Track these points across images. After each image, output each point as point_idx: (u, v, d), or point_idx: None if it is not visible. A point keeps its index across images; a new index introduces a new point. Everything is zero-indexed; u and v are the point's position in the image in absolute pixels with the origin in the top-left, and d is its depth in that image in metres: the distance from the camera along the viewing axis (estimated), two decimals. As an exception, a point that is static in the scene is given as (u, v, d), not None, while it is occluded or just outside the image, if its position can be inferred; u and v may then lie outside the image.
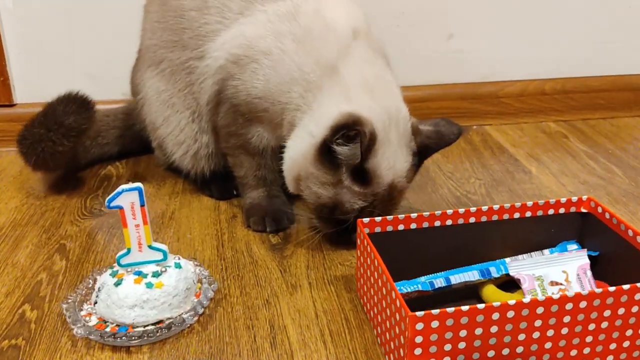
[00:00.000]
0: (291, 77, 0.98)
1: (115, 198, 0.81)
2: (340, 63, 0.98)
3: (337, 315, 0.87)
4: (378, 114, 0.94)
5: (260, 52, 1.01)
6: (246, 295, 0.92)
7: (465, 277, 0.86)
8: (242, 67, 1.02)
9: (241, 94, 1.03)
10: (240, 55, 1.02)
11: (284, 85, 0.99)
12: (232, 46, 1.04)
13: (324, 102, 0.96)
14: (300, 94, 0.98)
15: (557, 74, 1.57)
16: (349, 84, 0.97)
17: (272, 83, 1.00)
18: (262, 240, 1.07)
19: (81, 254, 1.03)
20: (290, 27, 1.00)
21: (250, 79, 1.02)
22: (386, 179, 0.94)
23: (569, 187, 1.24)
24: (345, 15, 1.03)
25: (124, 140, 1.36)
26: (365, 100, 0.95)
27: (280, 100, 1.00)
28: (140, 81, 1.20)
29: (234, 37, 1.04)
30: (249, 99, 1.03)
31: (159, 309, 0.82)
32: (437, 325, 0.67)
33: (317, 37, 0.99)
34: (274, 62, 1.00)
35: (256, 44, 1.01)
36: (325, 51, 0.98)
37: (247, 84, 1.02)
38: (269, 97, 1.01)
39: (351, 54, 0.99)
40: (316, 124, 0.95)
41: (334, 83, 0.97)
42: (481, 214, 0.90)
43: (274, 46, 1.00)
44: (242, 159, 1.11)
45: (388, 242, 0.87)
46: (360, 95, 0.95)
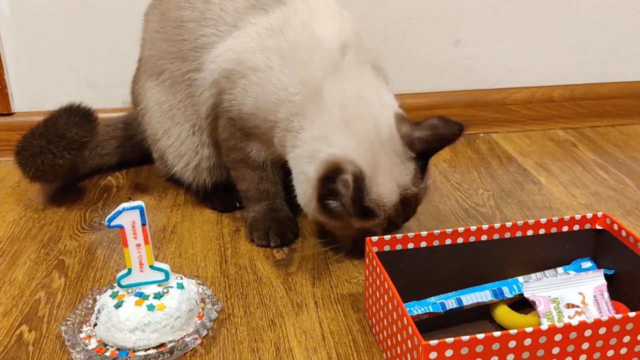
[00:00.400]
0: (277, 97, 0.95)
1: (115, 217, 0.79)
2: (325, 83, 0.93)
3: (345, 337, 0.84)
4: (359, 146, 0.90)
5: (249, 68, 0.98)
6: (250, 316, 0.89)
7: (478, 298, 0.83)
8: (233, 82, 1.00)
9: (234, 109, 1.01)
10: (231, 70, 1.00)
11: (271, 105, 0.96)
12: (223, 60, 1.01)
13: (308, 139, 0.94)
14: (287, 116, 0.95)
15: (566, 81, 1.55)
16: (329, 115, 0.93)
17: (261, 101, 0.97)
18: (266, 255, 1.04)
19: (80, 270, 1.00)
20: (277, 42, 0.97)
21: (241, 95, 0.99)
22: (392, 202, 0.92)
23: (580, 199, 1.21)
24: (334, 28, 0.98)
25: (123, 150, 1.34)
26: (343, 138, 0.91)
27: (269, 118, 0.97)
28: (141, 92, 1.17)
29: (226, 51, 1.01)
30: (241, 115, 1.01)
31: (160, 332, 0.79)
32: (452, 354, 0.65)
33: (303, 55, 0.95)
34: (262, 79, 0.97)
35: (245, 59, 0.98)
36: (311, 71, 0.94)
37: (239, 100, 1.00)
38: (258, 115, 0.99)
39: (337, 72, 0.94)
40: (308, 166, 0.93)
41: (316, 113, 0.93)
42: (493, 232, 0.87)
43: (262, 62, 0.97)
44: (243, 173, 1.08)
45: (397, 260, 0.85)
46: (338, 133, 0.92)
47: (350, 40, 0.98)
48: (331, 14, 1.01)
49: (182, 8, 1.07)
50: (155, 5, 1.15)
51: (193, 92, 1.08)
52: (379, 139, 0.92)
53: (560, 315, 0.78)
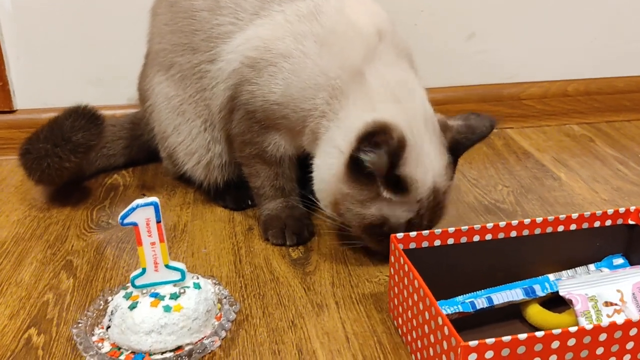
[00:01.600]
0: (315, 82, 0.92)
1: (129, 214, 0.75)
2: (366, 67, 0.92)
3: (370, 339, 0.80)
4: (405, 119, 0.88)
5: (279, 55, 0.94)
6: (269, 317, 0.85)
7: (509, 297, 0.79)
8: (258, 70, 0.96)
9: (257, 100, 0.97)
10: (257, 59, 0.96)
11: (307, 91, 0.93)
12: (247, 49, 0.97)
13: (350, 112, 0.90)
14: (326, 100, 0.92)
15: (581, 75, 1.51)
16: (374, 91, 0.91)
17: (294, 88, 0.94)
18: (282, 254, 1.00)
19: (89, 271, 0.96)
20: (311, 27, 0.93)
21: (267, 83, 0.95)
22: (426, 183, 0.88)
23: (603, 195, 1.17)
24: (369, 15, 0.97)
25: (130, 151, 1.30)
26: (390, 107, 0.89)
27: (303, 107, 0.93)
28: (149, 87, 1.13)
29: (249, 39, 0.98)
30: (266, 105, 0.96)
31: (178, 335, 0.75)
32: (492, 355, 0.61)
33: (341, 39, 0.93)
34: (295, 65, 0.93)
35: (274, 46, 0.95)
36: (351, 54, 0.92)
37: (264, 89, 0.96)
38: (289, 103, 0.95)
39: (377, 57, 0.93)
40: (343, 138, 0.89)
41: (359, 90, 0.91)
42: (523, 228, 0.83)
43: (294, 48, 0.93)
44: (258, 169, 1.04)
45: (423, 258, 0.81)
46: (385, 103, 0.90)
47: (384, 28, 0.96)
48: (363, 2, 0.99)
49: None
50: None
51: (205, 85, 1.04)
52: (424, 119, 0.90)
53: (599, 314, 0.74)
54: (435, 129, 0.91)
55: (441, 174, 0.90)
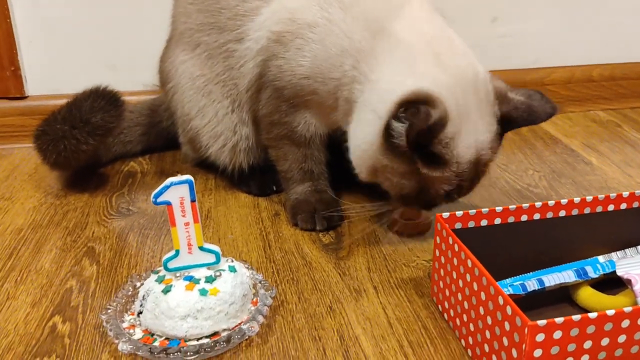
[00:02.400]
0: (341, 48, 0.88)
1: (162, 192, 0.71)
2: (396, 25, 0.86)
3: (414, 324, 0.76)
4: (450, 85, 0.81)
5: (305, 25, 0.90)
6: (306, 302, 0.81)
7: (560, 279, 0.76)
8: (285, 44, 0.92)
9: (285, 75, 0.93)
10: (283, 32, 0.92)
11: (334, 59, 0.88)
12: (273, 22, 0.93)
13: (383, 72, 0.85)
14: (353, 65, 0.87)
15: (605, 60, 1.48)
16: (411, 48, 0.85)
17: (320, 58, 0.89)
18: (312, 239, 0.96)
19: (113, 257, 0.92)
20: None
21: (295, 57, 0.91)
22: (468, 157, 0.82)
23: (638, 179, 1.14)
24: None
25: (148, 138, 1.25)
26: (433, 70, 0.83)
27: (332, 76, 0.89)
28: (172, 67, 1.09)
29: (275, 12, 0.94)
30: (295, 80, 0.92)
31: (214, 320, 0.71)
32: (560, 336, 0.57)
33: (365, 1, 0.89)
34: (321, 34, 0.89)
35: (300, 17, 0.91)
36: (375, 14, 0.88)
37: (292, 63, 0.92)
38: (317, 76, 0.90)
39: (407, 14, 0.88)
40: (379, 100, 0.83)
41: (392, 49, 0.85)
42: (572, 207, 0.80)
43: (320, 16, 0.89)
44: (286, 151, 1.00)
45: (469, 238, 0.77)
46: (426, 63, 0.83)
47: None
48: None
49: None
50: None
51: (232, 64, 0.99)
52: (473, 82, 0.84)
53: (660, 294, 0.70)
54: (489, 97, 0.85)
55: (486, 147, 0.84)
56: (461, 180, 0.83)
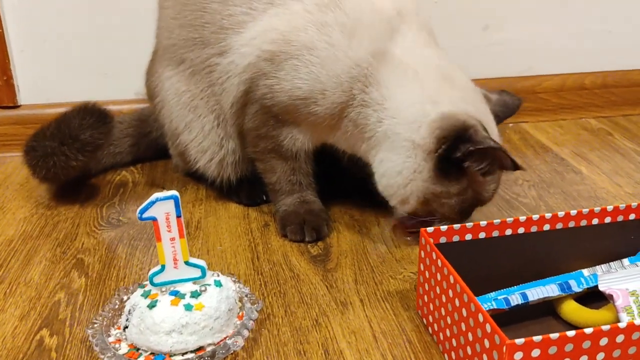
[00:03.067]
0: (349, 73, 0.89)
1: (148, 208, 0.71)
2: (395, 49, 0.90)
3: (399, 338, 0.77)
4: (468, 102, 0.89)
5: (302, 47, 0.90)
6: (292, 315, 0.81)
7: (544, 293, 0.76)
8: (278, 64, 0.92)
9: (277, 94, 0.93)
10: (275, 52, 0.92)
11: (343, 85, 0.90)
12: (263, 41, 0.93)
13: (399, 100, 0.89)
14: (361, 89, 0.90)
15: (598, 68, 1.48)
16: (419, 71, 0.90)
17: (323, 81, 0.90)
18: (301, 251, 0.97)
19: (102, 269, 0.92)
20: (335, 16, 0.90)
21: (290, 77, 0.92)
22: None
23: (627, 188, 1.14)
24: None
25: (138, 149, 1.26)
26: (448, 92, 0.89)
27: (338, 100, 0.90)
28: (158, 82, 1.09)
29: (266, 31, 0.94)
30: (289, 101, 0.93)
31: (199, 335, 0.71)
32: (539, 354, 0.58)
33: (368, 26, 0.90)
34: (322, 58, 0.90)
35: (295, 38, 0.91)
36: (378, 39, 0.90)
37: (286, 84, 0.92)
38: (318, 98, 0.91)
39: (404, 38, 0.91)
40: (411, 130, 0.87)
41: (397, 72, 0.90)
42: (556, 221, 0.80)
43: (319, 39, 0.90)
44: (273, 164, 1.01)
45: (453, 253, 0.77)
46: (440, 87, 0.89)
47: (406, 7, 0.94)
48: None
49: None
50: None
51: (214, 80, 1.00)
52: (479, 97, 0.92)
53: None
54: (486, 103, 0.93)
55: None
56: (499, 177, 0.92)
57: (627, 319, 0.71)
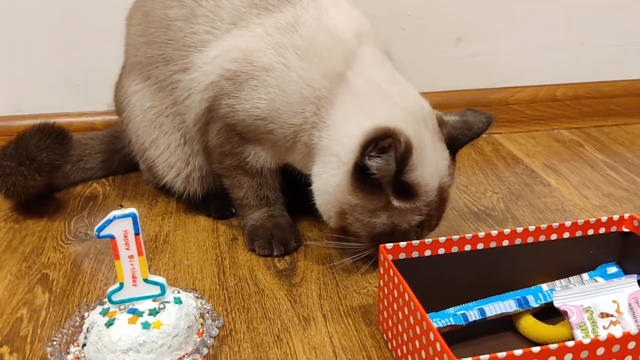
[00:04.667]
0: (301, 95, 0.89)
1: (105, 226, 0.71)
2: (349, 71, 0.90)
3: (359, 353, 0.77)
4: (405, 120, 0.85)
5: (261, 68, 0.91)
6: (254, 331, 0.82)
7: (501, 308, 0.77)
8: (239, 84, 0.93)
9: (239, 114, 0.94)
10: (237, 71, 0.92)
11: (295, 105, 0.90)
12: (225, 60, 0.94)
13: (339, 117, 0.88)
14: (314, 112, 0.89)
15: (569, 79, 1.50)
16: (362, 93, 0.89)
17: (279, 103, 0.91)
18: (267, 265, 0.97)
19: (66, 285, 0.92)
20: (292, 39, 0.90)
21: (250, 97, 0.92)
22: (434, 185, 0.86)
23: (593, 201, 1.16)
24: (347, 21, 0.95)
25: (110, 165, 1.26)
26: (385, 109, 0.87)
27: (292, 122, 0.91)
28: (125, 97, 1.09)
29: (228, 51, 0.94)
30: (250, 120, 0.93)
31: (157, 353, 0.71)
32: (487, 373, 0.58)
33: (321, 48, 0.90)
34: (278, 79, 0.90)
35: (255, 59, 0.91)
36: (332, 62, 0.90)
37: (246, 104, 0.93)
38: (275, 119, 0.92)
39: (358, 60, 0.91)
40: (342, 146, 0.87)
41: (345, 94, 0.89)
42: (515, 236, 0.81)
43: (276, 61, 0.90)
44: (240, 180, 1.01)
45: (413, 269, 0.78)
46: (378, 104, 0.87)
47: (364, 31, 0.94)
48: (340, 8, 0.96)
49: (168, 7, 1.00)
50: (138, 7, 1.07)
51: (177, 98, 1.00)
52: (421, 114, 0.89)
53: (595, 326, 0.72)
54: (435, 126, 0.89)
55: (445, 174, 0.88)
56: (430, 209, 0.86)
57: (581, 336, 0.71)
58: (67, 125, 1.34)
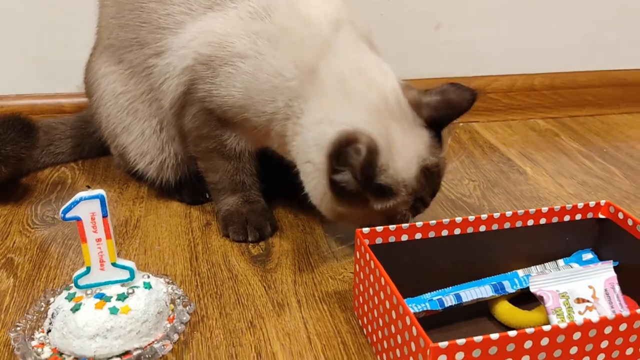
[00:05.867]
0: (272, 84, 0.87)
1: (71, 208, 0.69)
2: (321, 63, 0.86)
3: (333, 339, 0.76)
4: (365, 120, 0.82)
5: (235, 55, 0.88)
6: (227, 317, 0.80)
7: (477, 294, 0.76)
8: (214, 69, 0.90)
9: (215, 100, 0.91)
10: (211, 56, 0.89)
11: (267, 94, 0.87)
12: (200, 44, 0.90)
13: (310, 120, 0.85)
14: (286, 103, 0.87)
15: (547, 69, 1.50)
16: (329, 92, 0.85)
17: (253, 92, 0.88)
18: (241, 251, 0.95)
19: (32, 270, 0.89)
20: (264, 26, 0.88)
21: (225, 85, 0.89)
22: (412, 174, 0.83)
23: (568, 189, 1.16)
24: (322, 6, 0.91)
25: (82, 150, 1.23)
26: (346, 111, 0.84)
27: (265, 110, 0.88)
28: (95, 79, 1.06)
29: (203, 33, 0.91)
30: (226, 107, 0.91)
31: (125, 339, 0.69)
32: (462, 357, 0.57)
33: (294, 37, 0.87)
34: (252, 67, 0.88)
35: (229, 45, 0.88)
36: (304, 52, 0.86)
37: (222, 91, 0.90)
38: (250, 107, 0.89)
39: (331, 51, 0.87)
40: (316, 155, 0.84)
41: (316, 91, 0.86)
42: (492, 222, 0.80)
43: (249, 48, 0.87)
44: (215, 163, 0.98)
45: (389, 254, 0.77)
46: (341, 107, 0.84)
47: (341, 16, 0.90)
48: None
49: None
50: None
51: (153, 84, 0.97)
52: (387, 108, 0.85)
53: (570, 311, 0.71)
54: (405, 113, 0.85)
55: (426, 155, 0.85)
56: (416, 193, 0.85)
57: (557, 321, 0.71)
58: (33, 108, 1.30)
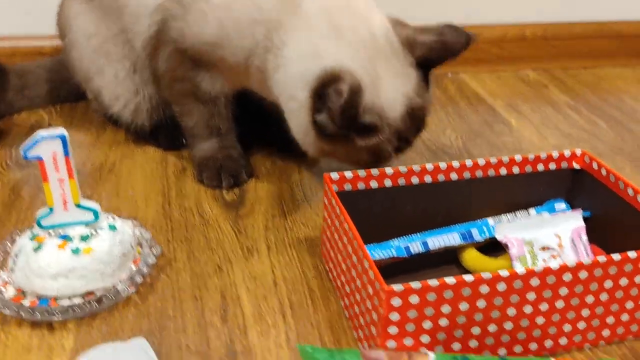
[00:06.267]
0: (249, 17, 0.84)
1: (32, 147, 0.67)
2: None
3: (299, 284, 0.76)
4: (351, 56, 0.80)
5: None
6: (194, 261, 0.80)
7: (445, 241, 0.76)
8: (185, 7, 0.87)
9: (188, 38, 0.88)
10: None
11: (243, 28, 0.85)
12: None
13: (293, 52, 0.83)
14: (265, 34, 0.84)
15: (539, 19, 1.46)
16: (314, 25, 0.83)
17: (229, 27, 0.85)
18: (215, 197, 0.94)
19: (1, 211, 0.88)
20: None
21: (198, 21, 0.87)
22: (397, 113, 0.82)
23: (551, 140, 1.14)
24: None
25: (59, 93, 1.20)
26: (332, 46, 0.81)
27: (243, 45, 0.86)
28: (67, 20, 1.03)
29: None
30: (199, 45, 0.88)
31: (88, 279, 0.69)
32: (417, 301, 0.57)
33: None
34: (227, 1, 0.85)
35: None
36: None
37: (195, 28, 0.87)
38: (225, 44, 0.86)
39: None
40: (300, 91, 0.81)
41: (299, 23, 0.83)
42: (464, 170, 0.79)
43: None
44: (190, 107, 0.96)
45: (358, 200, 0.76)
46: (327, 41, 0.82)
47: None
48: None
49: None
50: None
51: (126, 24, 0.94)
52: (375, 45, 0.82)
53: (535, 259, 0.71)
54: (396, 50, 0.83)
55: (413, 96, 0.83)
56: (401, 133, 0.84)
57: (520, 268, 0.71)
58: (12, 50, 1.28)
